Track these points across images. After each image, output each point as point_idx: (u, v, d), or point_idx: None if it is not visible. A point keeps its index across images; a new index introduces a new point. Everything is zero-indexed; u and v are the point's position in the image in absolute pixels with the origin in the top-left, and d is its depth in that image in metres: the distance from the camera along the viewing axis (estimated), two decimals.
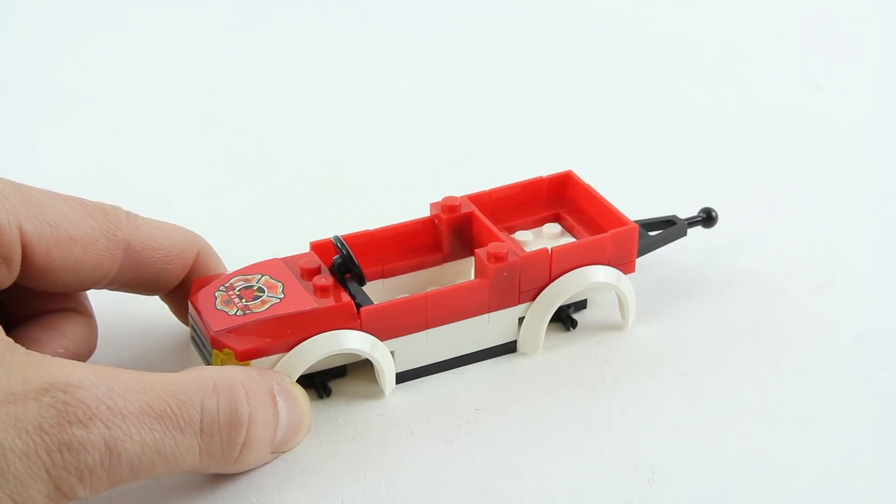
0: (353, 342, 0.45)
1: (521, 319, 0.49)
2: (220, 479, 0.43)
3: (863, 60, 0.73)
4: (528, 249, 0.48)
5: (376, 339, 0.46)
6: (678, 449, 0.44)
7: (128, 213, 0.46)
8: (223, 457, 0.41)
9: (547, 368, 0.48)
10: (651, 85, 0.71)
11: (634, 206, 0.53)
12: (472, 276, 0.50)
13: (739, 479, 0.43)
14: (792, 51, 0.74)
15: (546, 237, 0.51)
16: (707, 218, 0.54)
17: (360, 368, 0.47)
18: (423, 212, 0.51)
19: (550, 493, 0.42)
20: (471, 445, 0.44)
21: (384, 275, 0.49)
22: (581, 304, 0.51)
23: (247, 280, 0.46)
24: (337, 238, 0.47)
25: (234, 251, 0.50)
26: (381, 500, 0.42)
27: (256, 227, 0.58)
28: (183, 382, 0.40)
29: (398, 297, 0.48)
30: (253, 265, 0.47)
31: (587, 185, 0.52)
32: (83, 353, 0.46)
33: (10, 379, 0.37)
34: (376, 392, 0.47)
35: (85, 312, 0.47)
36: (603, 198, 0.51)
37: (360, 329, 0.45)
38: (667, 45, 0.75)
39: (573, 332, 0.50)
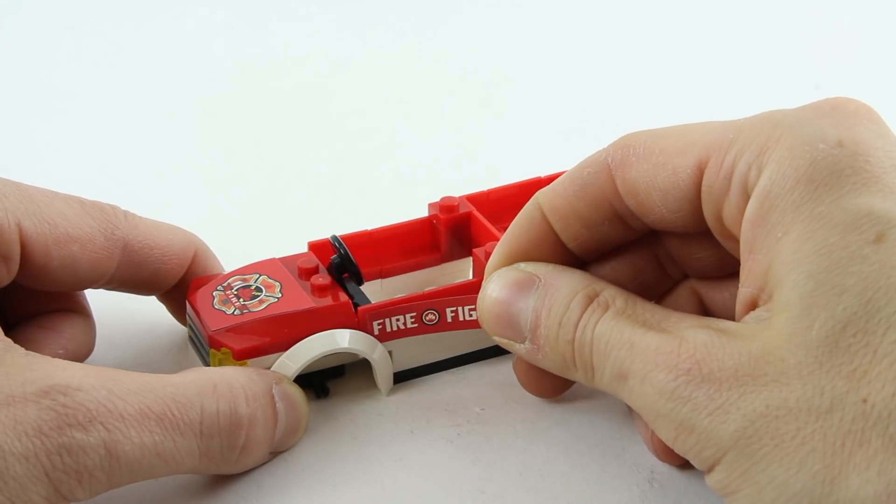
0: (350, 342, 0.45)
1: None
2: (219, 479, 0.42)
3: (863, 60, 0.73)
4: None
5: (374, 339, 0.46)
6: None
7: (126, 213, 0.46)
8: (222, 458, 0.41)
9: None
10: (650, 84, 0.71)
11: None
12: (471, 276, 0.49)
13: None
14: (792, 51, 0.74)
15: None
16: None
17: (359, 368, 0.47)
18: (421, 212, 0.51)
19: (551, 492, 0.42)
20: (472, 444, 0.44)
21: (382, 275, 0.49)
22: None
23: (245, 280, 0.46)
24: (335, 238, 0.47)
25: (232, 251, 0.50)
26: (381, 499, 0.42)
27: (254, 227, 0.57)
28: (183, 384, 0.40)
29: (396, 296, 0.48)
30: (251, 265, 0.47)
31: None
32: (81, 354, 0.46)
33: (10, 381, 0.37)
34: (375, 392, 0.47)
35: (83, 312, 0.47)
36: None
37: (358, 329, 0.45)
38: (667, 45, 0.75)
39: None
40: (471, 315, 0.46)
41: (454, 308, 0.46)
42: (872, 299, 0.34)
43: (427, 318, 0.46)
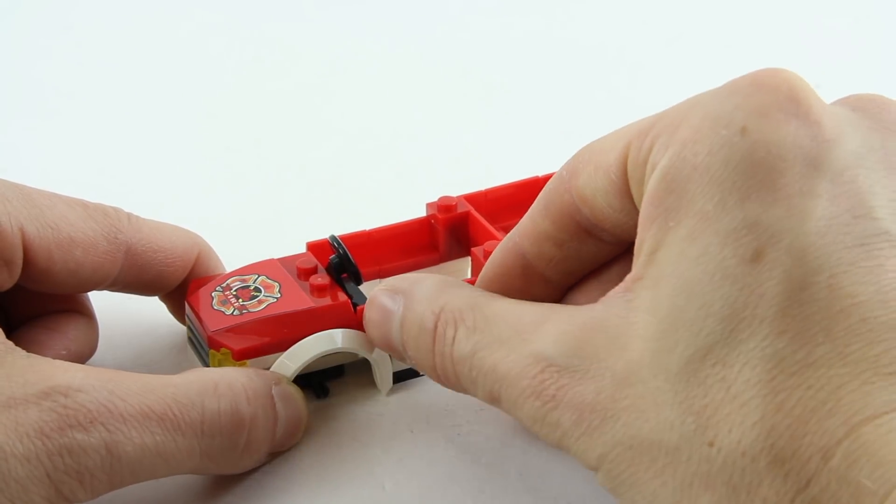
0: (350, 341, 0.45)
1: None
2: (220, 479, 0.43)
3: (863, 60, 0.73)
4: None
5: None
6: None
7: (129, 215, 0.46)
8: (223, 458, 0.41)
9: None
10: (649, 84, 0.71)
11: None
12: (469, 276, 0.50)
13: None
14: (792, 51, 0.74)
15: None
16: None
17: (359, 368, 0.47)
18: (420, 212, 0.51)
19: (553, 492, 0.42)
20: (472, 444, 0.44)
21: (381, 275, 0.49)
22: None
23: (243, 280, 0.46)
24: (333, 238, 0.47)
25: (230, 251, 0.50)
26: (381, 499, 0.42)
27: (253, 228, 0.57)
28: (184, 385, 0.40)
29: None
30: (250, 265, 0.47)
31: None
32: (84, 355, 0.46)
33: (11, 383, 0.37)
34: (375, 392, 0.47)
35: (86, 313, 0.47)
36: None
37: (358, 328, 0.45)
38: (666, 45, 0.75)
39: None
40: None
41: None
42: (735, 330, 0.32)
43: None
